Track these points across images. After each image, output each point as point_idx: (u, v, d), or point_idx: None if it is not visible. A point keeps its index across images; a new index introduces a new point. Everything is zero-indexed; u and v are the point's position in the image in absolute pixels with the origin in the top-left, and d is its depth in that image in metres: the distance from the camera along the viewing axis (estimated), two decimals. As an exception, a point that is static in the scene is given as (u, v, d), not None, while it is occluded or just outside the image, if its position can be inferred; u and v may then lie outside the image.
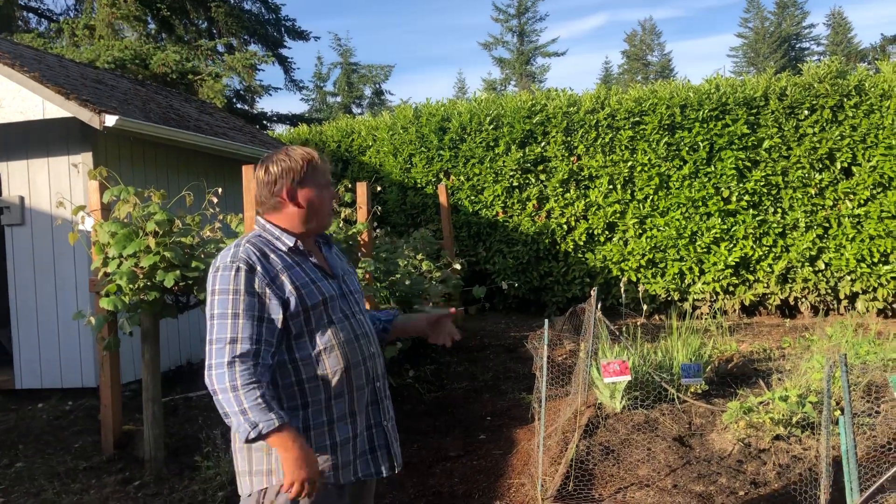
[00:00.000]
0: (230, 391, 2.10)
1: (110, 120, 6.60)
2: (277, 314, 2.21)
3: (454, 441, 5.47)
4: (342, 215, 6.78)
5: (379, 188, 10.70)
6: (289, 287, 2.24)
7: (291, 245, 2.33)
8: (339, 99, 44.78)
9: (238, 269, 2.20)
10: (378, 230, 9.48)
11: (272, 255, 2.28)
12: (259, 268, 2.22)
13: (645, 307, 10.16)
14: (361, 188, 6.62)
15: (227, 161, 9.00)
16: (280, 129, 21.31)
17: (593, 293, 5.73)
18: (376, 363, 2.46)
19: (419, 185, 11.57)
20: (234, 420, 2.11)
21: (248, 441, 2.11)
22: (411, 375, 7.26)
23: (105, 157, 7.18)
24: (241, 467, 2.30)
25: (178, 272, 4.62)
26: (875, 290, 9.70)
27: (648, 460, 4.73)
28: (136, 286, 4.65)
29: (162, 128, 7.57)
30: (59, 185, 7.20)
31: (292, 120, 23.46)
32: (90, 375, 7.12)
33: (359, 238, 6.51)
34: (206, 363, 2.16)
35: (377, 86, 44.18)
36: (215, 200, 5.42)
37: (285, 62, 23.42)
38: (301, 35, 23.09)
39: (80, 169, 6.98)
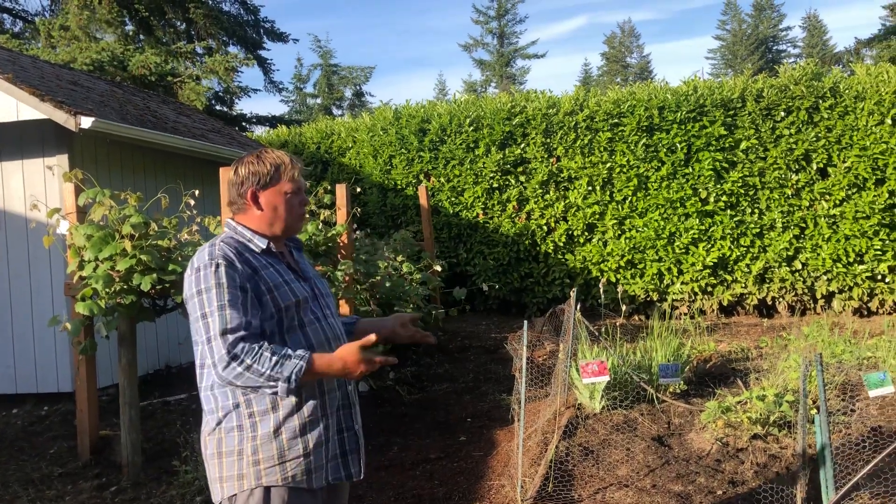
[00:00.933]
0: (246, 372, 2.08)
1: (86, 122, 6.54)
2: (257, 310, 2.21)
3: (434, 443, 5.46)
4: (321, 217, 6.75)
5: (359, 190, 10.68)
6: (263, 286, 2.24)
7: (264, 247, 2.33)
8: (319, 100, 44.67)
9: (218, 266, 2.18)
10: (358, 232, 9.45)
11: (246, 254, 2.28)
12: (237, 264, 2.21)
13: (624, 308, 10.20)
14: (341, 190, 6.60)
15: (206, 163, 8.94)
16: (259, 131, 21.19)
17: (572, 294, 5.75)
18: None
19: (399, 187, 11.56)
20: (268, 390, 2.11)
21: (288, 394, 2.13)
22: (392, 377, 7.25)
23: (81, 160, 7.10)
24: (211, 474, 2.27)
25: (155, 275, 4.58)
26: (851, 289, 9.81)
27: (628, 460, 4.75)
28: (113, 290, 4.61)
29: (139, 130, 7.50)
30: (34, 188, 7.12)
31: (272, 122, 23.35)
32: (66, 380, 7.04)
33: (339, 240, 6.49)
34: (209, 362, 2.13)
35: (357, 87, 44.16)
36: (192, 203, 5.38)
37: (265, 64, 23.31)
38: (280, 37, 23.00)
39: (56, 171, 6.90)
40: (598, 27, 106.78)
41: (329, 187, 7.07)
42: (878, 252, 9.52)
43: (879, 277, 9.68)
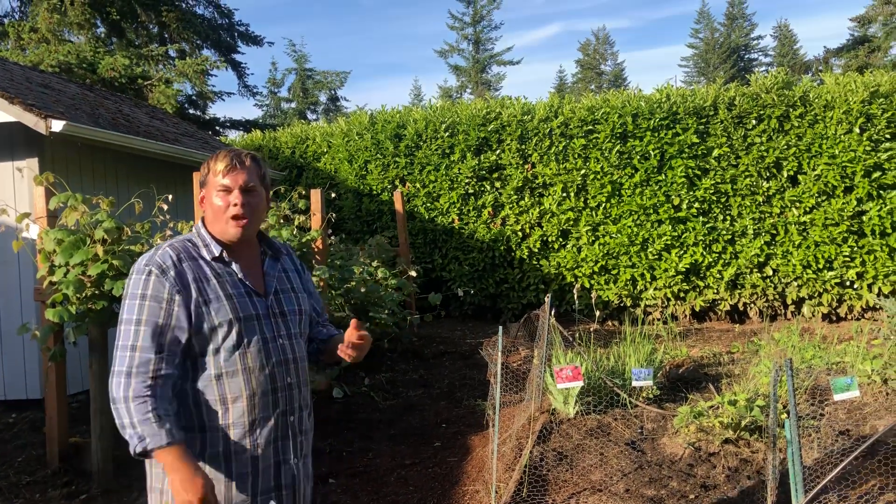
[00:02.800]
0: (122, 402, 2.00)
1: (57, 125, 6.45)
2: (184, 324, 2.08)
3: (409, 449, 5.45)
4: (296, 222, 6.73)
5: (334, 195, 10.66)
6: (197, 298, 2.10)
7: (216, 254, 2.18)
8: (293, 105, 44.50)
9: (149, 273, 2.08)
10: (333, 237, 9.43)
11: (189, 263, 2.14)
12: (172, 273, 2.09)
13: (598, 313, 10.27)
14: (315, 195, 6.57)
15: (179, 167, 8.87)
16: (233, 135, 21.10)
17: (547, 300, 5.77)
18: (292, 394, 2.26)
19: (375, 192, 11.54)
20: (126, 432, 2.01)
21: (135, 455, 2.01)
22: (367, 384, 7.23)
23: (52, 163, 7.01)
24: (146, 483, 2.21)
25: (126, 280, 4.52)
26: (820, 295, 9.95)
27: (601, 465, 4.77)
28: (84, 295, 4.55)
29: (111, 133, 7.42)
30: (3, 192, 7.01)
31: (246, 126, 23.21)
32: (35, 387, 6.93)
33: (313, 245, 6.46)
34: (112, 368, 2.06)
35: (332, 92, 44.04)
36: (165, 207, 5.33)
37: (238, 67, 23.19)
38: (255, 40, 22.90)
39: (25, 174, 6.81)
40: (573, 34, 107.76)
41: (304, 192, 7.04)
42: (847, 259, 9.68)
43: (848, 284, 9.83)
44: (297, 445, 2.28)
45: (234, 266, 2.22)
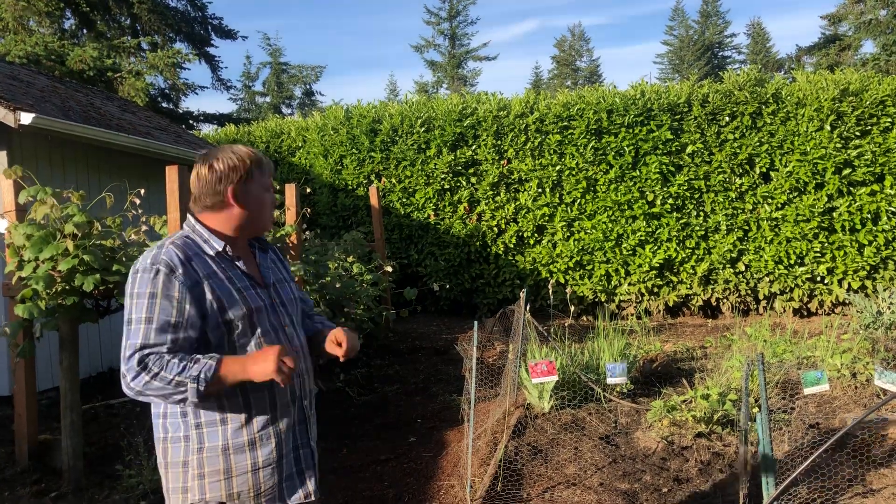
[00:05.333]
0: (153, 381, 1.98)
1: (26, 118, 6.34)
2: (196, 322, 2.08)
3: (384, 444, 5.45)
4: (271, 217, 6.67)
5: (309, 190, 10.60)
6: (209, 296, 2.11)
7: (219, 249, 2.19)
8: (268, 99, 44.20)
9: (157, 272, 2.05)
10: (308, 232, 9.37)
11: (196, 260, 2.14)
12: (180, 271, 2.07)
13: (573, 308, 10.32)
14: (290, 190, 6.53)
15: (151, 161, 8.76)
16: (207, 129, 20.87)
17: (522, 295, 5.79)
18: (304, 380, 2.33)
19: (350, 187, 11.50)
20: (179, 391, 1.99)
21: (199, 397, 2.00)
22: (342, 379, 7.21)
23: (21, 157, 6.89)
24: (164, 484, 2.19)
25: (98, 276, 4.47)
26: (792, 290, 10.08)
27: (576, 459, 4.80)
28: (54, 290, 4.48)
29: (82, 126, 7.31)
30: (-29, 185, 6.87)
31: (220, 119, 23.02)
32: (3, 383, 6.82)
33: (287, 240, 6.42)
34: (121, 370, 2.03)
35: (307, 86, 43.80)
36: (138, 202, 5.27)
37: (212, 60, 22.98)
38: (228, 34, 22.70)
39: (-6, 168, 6.69)
40: (549, 31, 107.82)
41: (278, 187, 6.98)
42: (818, 254, 9.81)
43: (818, 279, 9.97)
44: (311, 429, 2.37)
45: (239, 261, 2.26)
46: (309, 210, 8.23)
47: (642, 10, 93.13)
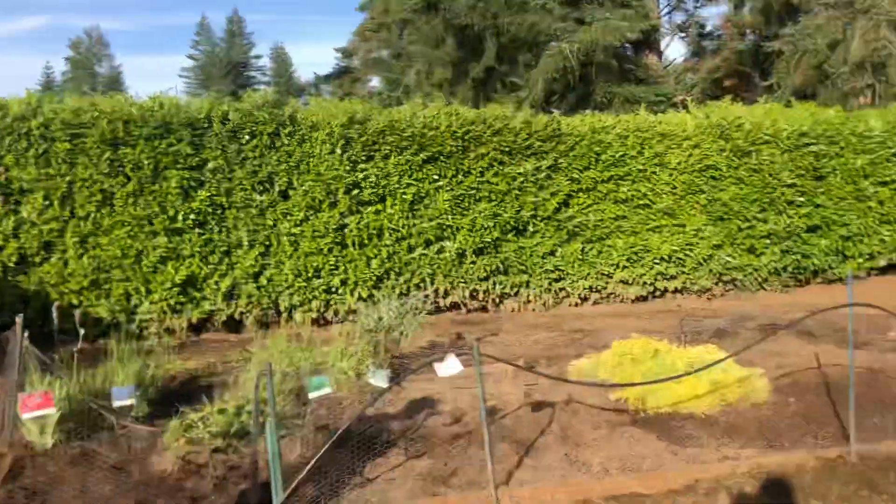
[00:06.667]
0: None
1: None
2: None
3: None
4: None
5: None
6: None
7: None
8: None
9: None
10: None
11: None
12: None
13: (87, 332, 9.50)
14: None
15: None
16: None
17: (19, 320, 5.16)
18: None
19: None
20: None
21: None
22: None
23: None
24: None
25: None
26: (310, 301, 10.72)
27: (81, 495, 4.41)
28: None
29: None
30: None
31: None
32: None
33: None
34: None
35: None
36: None
37: None
38: None
39: None
40: (63, 30, 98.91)
41: None
42: (332, 267, 10.61)
43: (334, 290, 10.78)
44: None
45: None
46: None
47: (167, 21, 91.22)
